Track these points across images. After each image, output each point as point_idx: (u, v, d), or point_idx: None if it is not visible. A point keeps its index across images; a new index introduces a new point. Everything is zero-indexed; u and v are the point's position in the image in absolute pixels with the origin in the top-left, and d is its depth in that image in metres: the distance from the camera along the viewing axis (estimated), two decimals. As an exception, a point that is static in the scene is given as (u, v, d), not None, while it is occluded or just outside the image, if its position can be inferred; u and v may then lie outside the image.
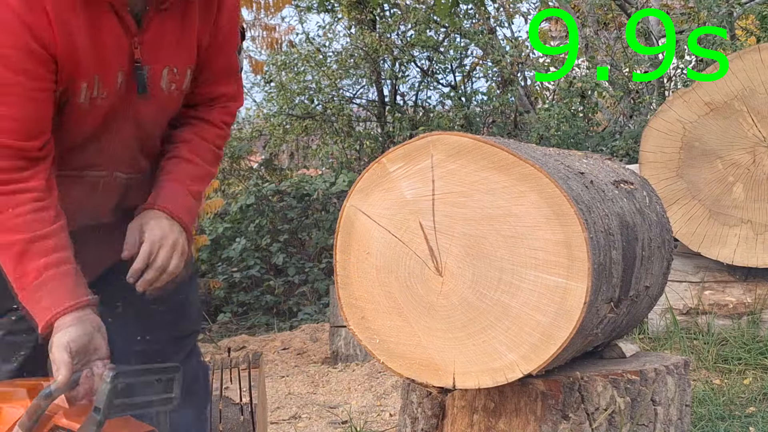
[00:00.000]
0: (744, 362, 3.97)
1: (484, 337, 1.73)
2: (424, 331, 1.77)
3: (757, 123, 4.12)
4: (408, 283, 1.80)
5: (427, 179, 1.79)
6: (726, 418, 3.38)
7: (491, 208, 1.74)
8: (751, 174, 4.13)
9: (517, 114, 7.38)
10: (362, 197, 1.84)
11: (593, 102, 7.16)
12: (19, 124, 1.73)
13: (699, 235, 4.20)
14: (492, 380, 1.72)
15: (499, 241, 1.73)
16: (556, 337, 1.68)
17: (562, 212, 1.69)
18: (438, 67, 8.13)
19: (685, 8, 7.81)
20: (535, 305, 1.70)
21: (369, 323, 1.82)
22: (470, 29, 7.64)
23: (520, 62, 7.63)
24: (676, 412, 1.94)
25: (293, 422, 3.92)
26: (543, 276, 1.70)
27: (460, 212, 1.76)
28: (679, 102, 4.23)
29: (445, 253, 1.77)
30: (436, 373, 1.76)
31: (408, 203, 1.80)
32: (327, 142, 8.67)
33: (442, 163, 1.78)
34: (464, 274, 1.75)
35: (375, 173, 1.84)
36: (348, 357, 4.96)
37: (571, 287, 1.68)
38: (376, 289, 1.82)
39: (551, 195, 1.70)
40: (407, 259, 1.80)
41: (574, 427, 1.81)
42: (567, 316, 1.68)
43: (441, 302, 1.76)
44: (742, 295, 4.29)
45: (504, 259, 1.73)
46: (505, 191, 1.73)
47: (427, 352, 1.77)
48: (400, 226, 1.81)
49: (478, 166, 1.75)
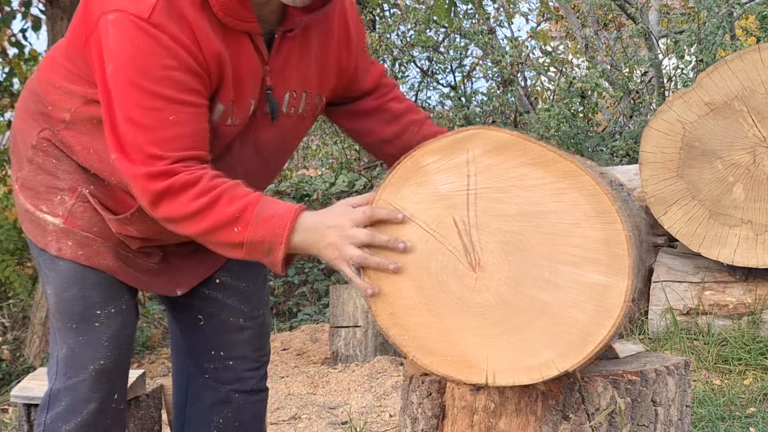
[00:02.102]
0: (744, 363, 3.97)
1: (520, 335, 1.71)
2: (457, 328, 1.74)
3: (758, 123, 4.11)
4: (441, 279, 1.76)
5: (463, 174, 1.76)
6: (726, 419, 3.38)
7: (530, 205, 1.72)
8: (752, 174, 4.13)
9: (517, 114, 7.37)
10: (393, 191, 1.80)
11: (593, 102, 7.15)
12: (193, 139, 1.81)
13: (699, 235, 4.20)
14: (528, 377, 1.70)
15: (537, 238, 1.72)
16: (595, 335, 1.67)
17: (603, 210, 1.69)
18: (438, 68, 8.12)
19: (684, 8, 7.81)
20: (574, 302, 1.69)
21: (399, 319, 1.77)
22: (470, 29, 7.64)
23: (519, 62, 7.63)
24: (677, 412, 1.94)
25: (293, 423, 3.92)
26: (582, 273, 1.69)
27: (497, 208, 1.74)
28: (679, 102, 4.23)
29: (480, 249, 1.74)
30: (470, 370, 1.73)
31: (442, 198, 1.77)
32: (327, 142, 8.66)
33: (480, 158, 1.75)
34: (500, 271, 1.73)
35: (407, 167, 1.79)
36: (348, 357, 4.96)
37: (611, 284, 1.67)
38: (407, 285, 1.77)
39: (592, 193, 1.69)
40: (440, 255, 1.76)
41: (574, 427, 1.81)
42: (607, 313, 1.67)
43: (475, 299, 1.74)
44: (742, 295, 4.28)
45: (542, 256, 1.71)
46: (544, 188, 1.72)
47: (459, 348, 1.74)
48: (434, 221, 1.77)
49: (518, 162, 1.73)
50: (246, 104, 1.91)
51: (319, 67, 2.00)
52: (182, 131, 1.80)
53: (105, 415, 2.09)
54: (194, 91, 1.80)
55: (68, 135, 2.00)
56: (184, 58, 1.77)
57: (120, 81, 1.78)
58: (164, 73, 1.76)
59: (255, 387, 2.26)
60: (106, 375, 2.07)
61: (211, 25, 1.80)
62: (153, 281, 2.14)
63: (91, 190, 2.02)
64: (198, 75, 1.80)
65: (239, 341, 2.22)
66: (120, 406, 2.13)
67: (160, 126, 1.78)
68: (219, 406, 2.24)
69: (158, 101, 1.77)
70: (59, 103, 1.99)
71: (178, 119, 1.79)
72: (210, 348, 2.22)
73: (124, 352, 2.11)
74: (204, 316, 2.21)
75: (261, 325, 2.25)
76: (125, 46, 1.77)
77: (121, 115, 1.80)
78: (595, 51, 7.53)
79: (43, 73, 2.05)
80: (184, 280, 2.15)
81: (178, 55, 1.76)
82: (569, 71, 8.14)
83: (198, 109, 1.82)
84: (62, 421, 2.07)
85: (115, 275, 2.06)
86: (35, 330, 5.32)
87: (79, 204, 2.02)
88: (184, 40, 1.77)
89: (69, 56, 1.95)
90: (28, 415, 2.82)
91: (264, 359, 2.29)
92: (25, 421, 2.83)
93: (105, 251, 2.05)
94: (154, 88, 1.77)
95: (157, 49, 1.75)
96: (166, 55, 1.76)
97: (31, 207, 2.06)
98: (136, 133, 1.79)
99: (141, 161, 1.79)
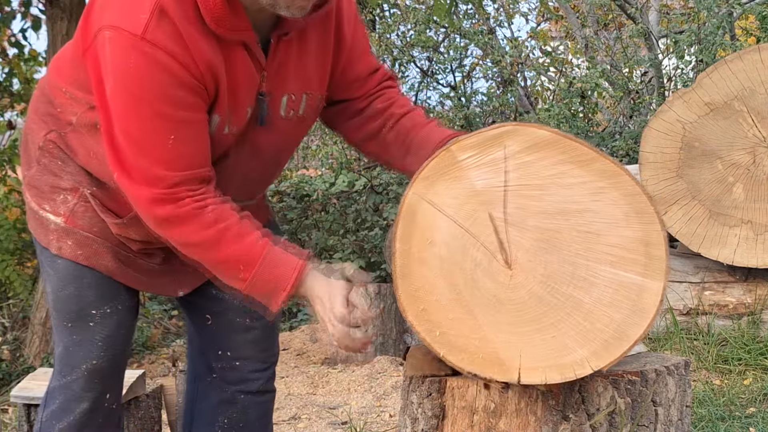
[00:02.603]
0: (744, 363, 3.97)
1: (553, 332, 1.70)
2: (489, 325, 1.72)
3: (757, 123, 4.11)
4: (474, 276, 1.74)
5: (500, 170, 1.75)
6: (726, 419, 3.38)
7: (568, 203, 1.72)
8: (751, 174, 4.13)
9: (517, 114, 7.36)
10: (427, 185, 1.78)
11: (593, 102, 7.15)
12: (194, 157, 1.81)
13: (699, 235, 4.20)
14: (560, 376, 1.69)
15: (573, 236, 1.71)
16: (629, 335, 1.67)
17: (642, 210, 1.69)
18: (438, 68, 8.11)
19: (684, 8, 7.81)
20: (609, 302, 1.69)
21: (429, 315, 1.75)
22: (470, 29, 7.63)
23: (519, 62, 7.62)
24: (677, 412, 1.93)
25: (293, 423, 3.91)
26: (619, 273, 1.69)
27: (533, 205, 1.73)
28: (678, 102, 4.23)
29: (515, 246, 1.73)
30: (501, 368, 1.71)
31: (478, 193, 1.75)
32: (327, 142, 8.66)
33: (517, 155, 1.75)
34: (535, 268, 1.72)
35: (442, 161, 1.78)
36: (348, 358, 4.95)
37: (647, 285, 1.68)
38: (439, 281, 1.75)
39: (631, 192, 1.70)
40: (474, 251, 1.75)
41: (574, 427, 1.80)
42: (641, 314, 1.67)
43: (509, 296, 1.73)
44: (742, 295, 4.28)
45: (578, 255, 1.71)
46: (583, 186, 1.72)
47: (491, 345, 1.72)
48: (468, 216, 1.76)
49: (556, 160, 1.73)
50: (242, 112, 1.90)
51: (318, 67, 1.98)
52: (183, 150, 1.79)
53: (97, 414, 2.10)
54: (193, 106, 1.80)
55: (73, 138, 2.01)
56: (180, 74, 1.76)
57: (118, 99, 1.78)
58: (161, 90, 1.75)
59: (261, 388, 2.26)
60: (98, 374, 2.08)
61: (205, 38, 1.78)
62: (154, 282, 2.14)
63: (93, 192, 2.03)
64: (195, 89, 1.79)
65: (246, 341, 2.22)
66: (113, 406, 2.14)
67: (160, 146, 1.78)
68: (224, 406, 2.24)
69: (157, 120, 1.77)
70: (66, 106, 1.99)
71: (178, 137, 1.78)
72: (217, 347, 2.23)
73: (118, 352, 2.11)
74: (211, 316, 2.21)
75: (267, 326, 2.24)
76: (122, 65, 1.76)
77: (120, 133, 1.80)
78: (595, 51, 7.52)
79: (51, 76, 2.06)
80: (187, 281, 2.15)
81: (173, 71, 1.75)
82: (569, 71, 8.13)
83: (197, 125, 1.82)
84: (56, 419, 2.08)
85: (112, 276, 2.07)
86: (35, 330, 5.31)
87: (80, 204, 2.03)
88: (179, 55, 1.75)
89: (73, 63, 1.95)
90: (28, 415, 2.82)
91: (272, 360, 2.28)
92: (25, 421, 2.82)
93: (104, 252, 2.05)
94: (152, 106, 1.76)
95: (153, 66, 1.74)
96: (163, 73, 1.75)
97: (36, 206, 2.07)
98: (136, 153, 1.79)
99: (143, 181, 1.80)
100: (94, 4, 1.86)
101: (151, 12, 1.73)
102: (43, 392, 2.19)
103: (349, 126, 2.12)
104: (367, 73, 2.08)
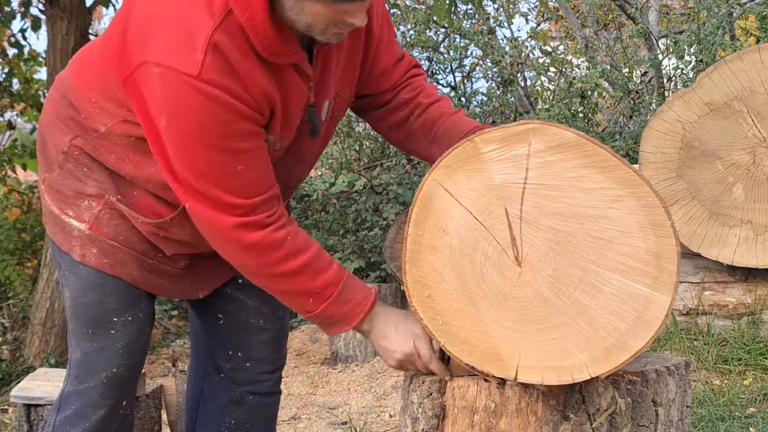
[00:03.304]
0: (744, 363, 3.97)
1: (555, 334, 1.70)
2: (493, 320, 1.73)
3: (757, 123, 4.11)
4: (483, 269, 1.74)
5: (521, 167, 1.75)
6: (726, 419, 3.38)
7: (585, 207, 1.72)
8: (751, 174, 4.13)
9: (517, 114, 7.36)
10: (447, 173, 1.77)
11: (593, 102, 7.15)
12: (264, 179, 1.84)
13: (699, 235, 4.20)
14: (557, 378, 1.69)
15: (587, 241, 1.71)
16: (631, 345, 1.67)
17: (658, 222, 1.68)
18: (438, 68, 8.11)
19: (684, 8, 7.80)
20: (615, 310, 1.68)
21: (434, 303, 1.75)
22: (470, 29, 7.63)
23: (519, 62, 7.62)
24: (677, 413, 1.93)
25: (293, 423, 3.91)
26: (628, 282, 1.68)
27: (550, 205, 1.73)
28: (678, 102, 4.23)
29: (527, 244, 1.73)
30: (499, 363, 1.72)
31: (496, 187, 1.75)
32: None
33: (540, 153, 1.74)
34: (545, 268, 1.72)
35: (465, 151, 1.77)
36: (348, 358, 4.95)
37: (655, 298, 1.67)
38: (448, 270, 1.75)
39: (650, 204, 1.69)
40: (486, 244, 1.75)
41: (574, 427, 1.80)
42: (646, 326, 1.67)
43: (515, 293, 1.73)
44: (742, 295, 4.28)
45: (589, 260, 1.70)
46: (602, 192, 1.71)
47: (492, 340, 1.72)
48: (484, 209, 1.75)
49: (578, 163, 1.72)
50: (293, 127, 1.92)
51: (350, 65, 1.99)
52: (252, 176, 1.81)
53: (113, 421, 2.09)
54: (254, 135, 1.81)
55: (102, 144, 1.99)
56: (240, 109, 1.77)
57: (178, 137, 1.78)
58: (224, 127, 1.76)
59: (270, 389, 2.26)
60: (118, 382, 2.07)
61: (259, 66, 1.79)
62: (175, 286, 2.13)
63: (119, 199, 2.01)
64: (254, 119, 1.80)
65: (258, 343, 2.21)
66: (127, 412, 2.13)
67: (231, 176, 1.80)
68: (232, 407, 2.23)
69: (223, 155, 1.78)
70: (94, 116, 1.97)
71: (246, 166, 1.80)
72: (228, 348, 2.22)
73: (137, 360, 2.10)
74: (224, 315, 2.20)
75: (281, 328, 2.25)
76: (179, 104, 1.75)
77: (183, 167, 1.80)
78: (594, 51, 7.52)
79: (75, 81, 2.01)
80: (207, 283, 2.15)
81: (233, 107, 1.76)
82: (569, 71, 8.13)
83: (260, 149, 1.84)
84: (70, 425, 2.07)
85: (135, 283, 2.06)
86: (35, 330, 5.31)
87: (105, 211, 2.01)
88: (236, 91, 1.76)
89: (104, 78, 1.92)
90: (28, 415, 2.82)
91: (281, 362, 2.28)
92: (25, 421, 2.82)
93: (130, 260, 2.04)
94: (216, 143, 1.77)
95: (213, 106, 1.74)
96: (223, 110, 1.75)
97: (57, 210, 2.05)
98: (207, 185, 1.80)
99: (222, 210, 1.81)
100: (128, 26, 1.83)
101: (204, 50, 1.72)
102: (42, 392, 2.18)
103: (375, 115, 2.12)
104: (394, 62, 2.08)
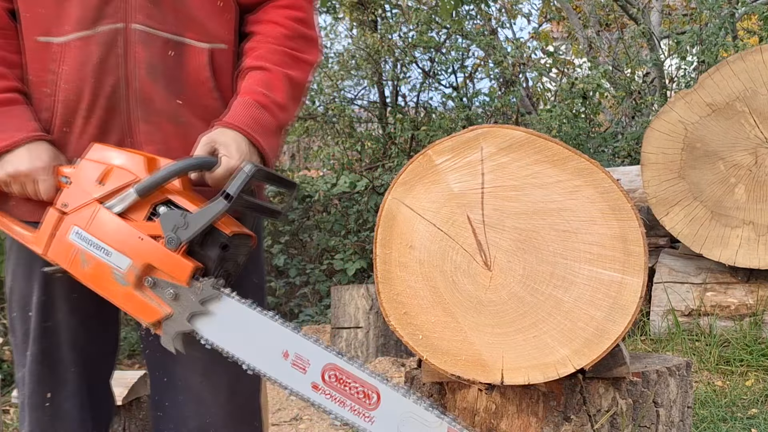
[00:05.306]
0: (746, 364, 3.97)
1: (534, 332, 1.70)
2: (471, 327, 1.74)
3: (759, 124, 4.11)
4: (454, 278, 1.76)
5: (477, 172, 1.76)
6: (728, 420, 3.37)
7: (544, 202, 1.72)
8: (753, 175, 4.12)
9: (518, 115, 7.37)
10: (405, 190, 1.80)
11: (595, 103, 7.15)
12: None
13: (701, 236, 4.19)
14: (543, 375, 1.69)
15: (552, 236, 1.71)
16: (611, 332, 1.67)
17: (618, 207, 1.69)
18: (440, 68, 8.12)
19: (687, 9, 7.81)
20: (589, 300, 1.69)
21: (412, 319, 1.77)
22: (472, 30, 7.64)
23: (521, 63, 7.62)
24: (678, 413, 1.93)
25: (294, 424, 3.91)
26: (598, 270, 1.69)
27: (511, 206, 1.74)
28: (680, 103, 4.23)
29: (494, 248, 1.74)
30: (484, 369, 1.72)
31: (455, 196, 1.77)
32: (328, 143, 8.67)
33: (493, 156, 1.75)
34: (514, 269, 1.73)
35: (419, 165, 1.79)
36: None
37: (627, 282, 1.67)
38: (420, 284, 1.77)
39: (607, 190, 1.69)
40: (453, 254, 1.76)
41: (575, 428, 1.80)
42: (622, 311, 1.67)
43: (489, 297, 1.73)
44: (744, 296, 4.28)
45: (557, 254, 1.71)
46: (559, 185, 1.72)
47: (474, 347, 1.73)
48: (447, 219, 1.77)
49: (531, 160, 1.73)
50: None
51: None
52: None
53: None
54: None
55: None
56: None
57: None
58: None
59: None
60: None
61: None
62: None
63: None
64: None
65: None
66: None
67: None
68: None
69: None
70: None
71: None
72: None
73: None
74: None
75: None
76: None
77: None
78: (597, 52, 7.53)
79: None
80: None
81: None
82: (571, 72, 8.14)
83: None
84: None
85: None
86: (37, 330, 5.31)
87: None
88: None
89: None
90: (29, 415, 2.81)
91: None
92: (26, 421, 2.82)
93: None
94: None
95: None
96: None
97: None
98: None
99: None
100: None
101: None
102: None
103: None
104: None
